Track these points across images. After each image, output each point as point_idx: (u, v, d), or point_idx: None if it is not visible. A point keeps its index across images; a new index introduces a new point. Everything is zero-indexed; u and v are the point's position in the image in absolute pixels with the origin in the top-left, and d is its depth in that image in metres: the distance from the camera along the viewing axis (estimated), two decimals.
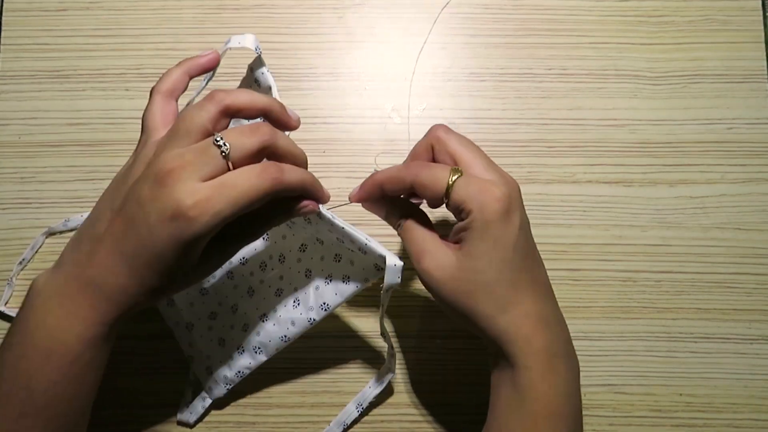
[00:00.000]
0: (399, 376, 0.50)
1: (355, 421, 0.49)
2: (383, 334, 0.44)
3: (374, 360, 0.50)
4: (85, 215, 0.49)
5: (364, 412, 0.49)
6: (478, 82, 0.54)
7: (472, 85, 0.54)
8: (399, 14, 0.55)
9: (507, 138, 0.53)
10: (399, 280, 0.41)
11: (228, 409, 0.50)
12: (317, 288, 0.46)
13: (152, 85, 0.53)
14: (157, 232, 0.34)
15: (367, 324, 0.51)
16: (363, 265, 0.44)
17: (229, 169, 0.35)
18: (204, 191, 0.33)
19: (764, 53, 0.54)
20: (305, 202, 0.38)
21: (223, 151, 0.34)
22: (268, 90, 0.43)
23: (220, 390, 0.48)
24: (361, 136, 0.53)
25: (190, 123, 0.35)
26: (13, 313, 0.50)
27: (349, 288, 0.45)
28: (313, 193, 0.38)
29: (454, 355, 0.50)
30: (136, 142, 0.52)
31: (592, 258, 0.52)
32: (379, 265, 0.43)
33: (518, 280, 0.38)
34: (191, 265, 0.36)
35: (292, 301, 0.47)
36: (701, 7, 0.55)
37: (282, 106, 0.39)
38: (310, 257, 0.47)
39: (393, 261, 0.40)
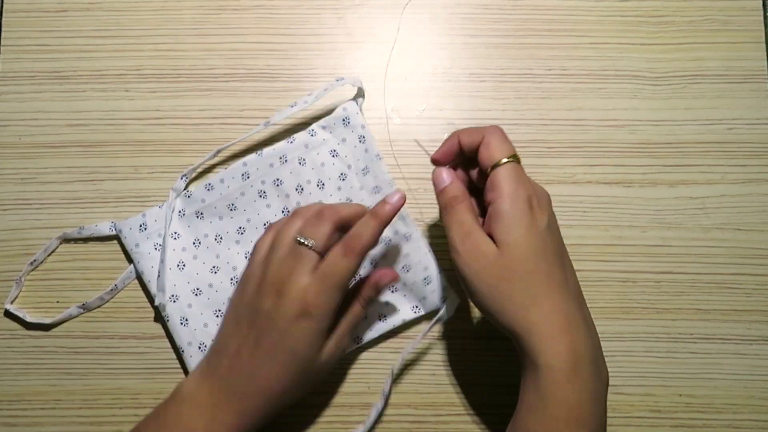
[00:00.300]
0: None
1: None
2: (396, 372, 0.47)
3: (375, 360, 0.50)
4: (100, 225, 0.51)
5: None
6: (478, 82, 0.54)
7: (472, 85, 0.54)
8: (398, 14, 0.54)
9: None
10: (452, 313, 0.48)
11: None
12: None
13: (152, 85, 0.53)
14: (292, 333, 0.40)
15: None
16: (400, 306, 0.49)
17: (322, 256, 0.41)
18: (313, 287, 0.40)
19: (765, 53, 0.54)
20: (384, 275, 0.46)
21: (310, 246, 0.41)
22: (359, 128, 0.50)
23: None
24: None
25: (285, 235, 0.42)
26: (19, 313, 0.50)
27: (385, 326, 0.49)
28: (383, 226, 0.43)
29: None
30: (136, 143, 0.53)
31: (592, 259, 0.52)
32: (417, 307, 0.49)
33: (552, 274, 0.39)
34: (319, 353, 0.42)
35: None
36: (701, 7, 0.55)
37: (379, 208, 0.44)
38: None
39: (454, 295, 0.48)
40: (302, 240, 0.41)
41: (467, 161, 0.45)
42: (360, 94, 0.52)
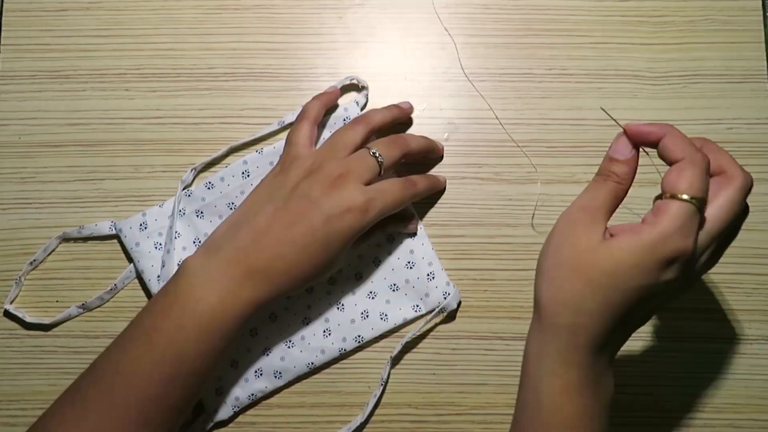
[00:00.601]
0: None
1: None
2: (394, 357, 0.48)
3: (374, 360, 0.50)
4: (100, 224, 0.51)
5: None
6: (478, 82, 0.54)
7: (472, 85, 0.54)
8: (399, 14, 0.55)
9: (507, 138, 0.53)
10: (453, 307, 0.49)
11: None
12: (353, 321, 0.49)
13: (152, 85, 0.53)
14: (332, 224, 0.41)
15: None
16: (402, 305, 0.49)
17: (380, 174, 0.44)
18: (369, 193, 0.43)
19: (765, 53, 0.54)
20: (412, 224, 0.50)
21: (379, 161, 0.44)
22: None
23: (226, 412, 0.48)
24: None
25: (347, 139, 0.45)
26: (19, 313, 0.50)
27: (386, 325, 0.49)
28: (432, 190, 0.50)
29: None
30: (136, 142, 0.53)
31: None
32: (418, 306, 0.50)
33: (614, 309, 0.35)
34: (341, 254, 0.43)
35: (322, 331, 0.49)
36: (701, 6, 0.55)
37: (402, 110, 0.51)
38: (341, 291, 0.50)
39: (456, 290, 0.49)
40: (377, 154, 0.44)
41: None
42: (362, 93, 0.52)
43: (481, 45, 0.54)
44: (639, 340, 0.51)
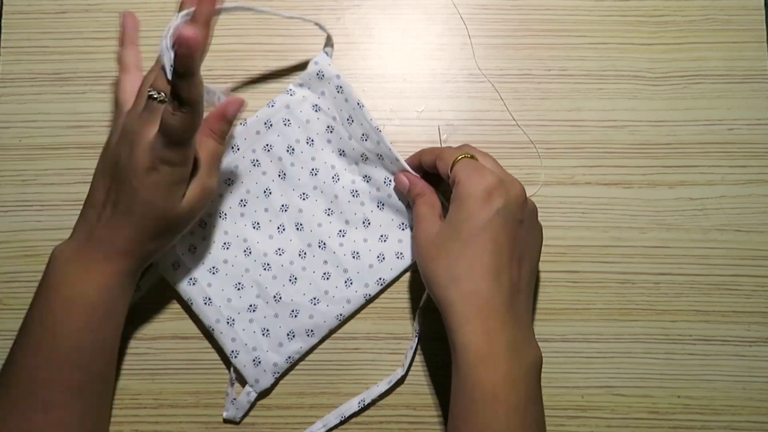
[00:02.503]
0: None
1: (354, 415, 0.49)
2: (422, 307, 0.48)
3: (373, 362, 0.50)
4: None
5: (366, 408, 0.50)
6: (477, 83, 0.53)
7: (471, 86, 0.53)
8: (397, 15, 0.54)
9: (505, 139, 0.53)
10: None
11: None
12: (371, 266, 0.50)
13: None
14: (144, 187, 0.40)
15: (366, 326, 0.51)
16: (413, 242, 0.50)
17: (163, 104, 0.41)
18: (159, 141, 0.40)
19: (766, 53, 0.54)
20: (230, 104, 0.44)
21: (159, 99, 0.40)
22: (335, 78, 0.51)
23: (267, 380, 0.49)
24: None
25: (144, 88, 0.42)
26: None
27: (404, 263, 0.50)
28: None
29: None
30: None
31: (591, 260, 0.51)
32: None
33: (478, 260, 0.40)
34: (179, 202, 0.42)
35: (344, 282, 0.50)
36: (702, 6, 0.54)
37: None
38: (353, 240, 0.51)
39: None
40: (153, 93, 0.40)
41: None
42: (329, 43, 0.52)
43: (480, 46, 0.54)
44: (637, 342, 0.51)
